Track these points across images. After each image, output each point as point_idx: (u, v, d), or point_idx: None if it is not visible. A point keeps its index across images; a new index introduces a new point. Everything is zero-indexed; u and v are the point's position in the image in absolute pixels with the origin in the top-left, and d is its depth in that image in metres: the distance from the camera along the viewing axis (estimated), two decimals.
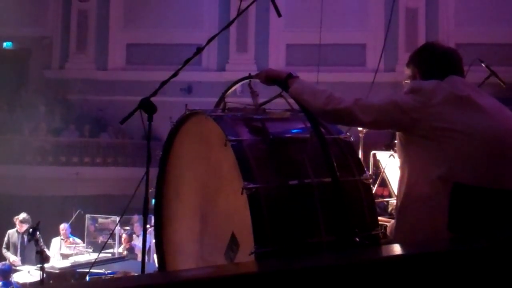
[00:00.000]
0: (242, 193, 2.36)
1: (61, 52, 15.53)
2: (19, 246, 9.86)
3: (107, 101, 14.36)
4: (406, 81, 2.71)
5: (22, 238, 9.87)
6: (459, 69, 2.63)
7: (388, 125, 2.56)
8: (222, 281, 1.62)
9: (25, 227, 9.83)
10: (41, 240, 8.96)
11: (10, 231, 10.01)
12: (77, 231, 11.47)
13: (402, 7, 13.98)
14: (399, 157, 2.64)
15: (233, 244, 2.51)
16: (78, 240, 11.01)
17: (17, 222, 9.87)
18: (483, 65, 4.14)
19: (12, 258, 9.74)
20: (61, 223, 10.81)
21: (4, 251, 9.94)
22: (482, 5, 13.91)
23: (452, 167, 2.37)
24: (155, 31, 14.78)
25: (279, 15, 3.14)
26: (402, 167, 2.59)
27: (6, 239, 9.99)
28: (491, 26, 13.69)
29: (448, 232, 2.32)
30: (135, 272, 8.02)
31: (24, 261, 9.70)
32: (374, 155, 3.92)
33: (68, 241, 10.69)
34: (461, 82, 2.56)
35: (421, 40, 13.66)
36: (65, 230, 10.69)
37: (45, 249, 9.12)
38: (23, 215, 9.86)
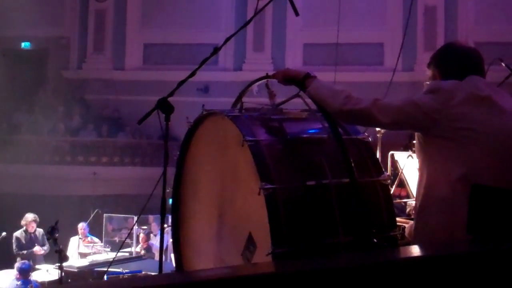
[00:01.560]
0: (259, 194, 2.36)
1: (79, 52, 15.63)
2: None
3: (125, 101, 14.43)
4: (426, 82, 2.68)
5: (31, 237, 10.04)
6: (479, 69, 2.60)
7: (407, 126, 2.54)
8: (239, 281, 1.62)
9: (35, 226, 10.01)
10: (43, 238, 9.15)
11: (18, 233, 10.13)
12: (95, 230, 11.56)
13: (421, 5, 13.85)
14: (418, 158, 2.62)
15: (250, 244, 2.51)
16: (96, 239, 11.09)
17: (26, 223, 10.01)
18: (503, 64, 4.09)
19: (36, 248, 9.88)
20: (79, 222, 10.90)
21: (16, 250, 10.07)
22: (501, 3, 13.74)
23: (472, 168, 2.35)
24: (172, 31, 14.82)
25: (297, 14, 3.13)
26: (421, 168, 2.57)
27: (15, 241, 10.10)
28: (510, 24, 13.53)
29: (467, 234, 2.30)
30: (152, 271, 8.06)
31: (35, 260, 9.82)
32: (392, 155, 3.89)
33: (86, 240, 10.78)
34: (481, 82, 2.54)
35: (440, 39, 13.56)
36: (83, 229, 10.78)
37: (63, 248, 9.22)
38: (31, 215, 10.03)
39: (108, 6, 15.48)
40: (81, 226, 10.79)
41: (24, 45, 15.71)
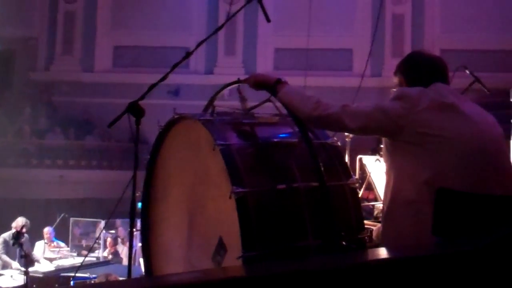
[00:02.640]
0: (230, 197, 2.37)
1: (47, 53, 15.40)
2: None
3: (93, 104, 14.26)
4: (393, 89, 2.74)
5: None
6: (444, 76, 2.67)
7: (375, 131, 2.59)
8: (209, 285, 1.62)
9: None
10: (28, 244, 8.92)
11: (6, 236, 9.92)
12: (62, 235, 11.38)
13: (389, 13, 14.08)
14: (385, 162, 2.67)
15: (221, 248, 2.52)
16: (62, 244, 10.92)
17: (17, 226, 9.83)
18: (467, 71, 4.19)
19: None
20: (45, 226, 10.72)
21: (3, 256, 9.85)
22: (467, 12, 14.04)
23: (437, 172, 2.41)
24: (143, 33, 14.73)
25: (268, 20, 3.16)
26: (388, 172, 2.62)
27: (2, 243, 9.88)
28: (476, 32, 13.83)
29: (432, 236, 2.35)
30: (121, 276, 7.97)
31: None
32: (361, 159, 3.95)
33: (52, 245, 10.61)
34: (445, 89, 2.61)
35: (407, 46, 13.78)
36: (49, 234, 10.60)
37: (29, 253, 9.07)
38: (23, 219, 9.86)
39: (77, 8, 15.30)
40: (47, 230, 10.61)
41: None
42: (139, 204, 3.11)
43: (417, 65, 2.72)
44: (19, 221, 9.72)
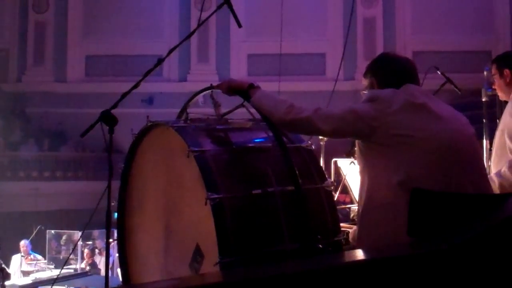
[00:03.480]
0: (206, 204, 2.36)
1: (18, 64, 15.20)
2: None
3: (67, 114, 14.10)
4: (363, 92, 2.76)
5: None
6: (414, 77, 2.70)
7: (348, 134, 2.61)
8: None
9: None
10: None
11: None
12: (38, 247, 11.24)
13: (360, 17, 14.20)
14: (359, 164, 2.69)
15: (198, 255, 2.51)
16: (39, 257, 10.80)
17: None
18: (438, 72, 4.24)
19: None
20: (21, 239, 10.59)
21: None
22: (437, 14, 14.23)
23: (411, 173, 2.43)
24: (114, 42, 14.64)
25: (240, 25, 3.16)
26: (362, 174, 2.64)
27: None
28: (447, 34, 14.02)
29: (408, 237, 2.37)
30: (98, 287, 7.90)
31: None
32: (335, 162, 3.97)
33: (29, 258, 10.49)
34: (417, 90, 2.64)
35: (379, 49, 13.90)
36: (26, 247, 10.48)
37: (5, 267, 8.94)
38: None
39: (48, 18, 15.13)
40: (23, 243, 10.50)
41: None
42: (115, 214, 3.09)
43: (387, 66, 2.75)
44: None
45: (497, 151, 3.41)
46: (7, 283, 8.24)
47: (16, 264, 10.27)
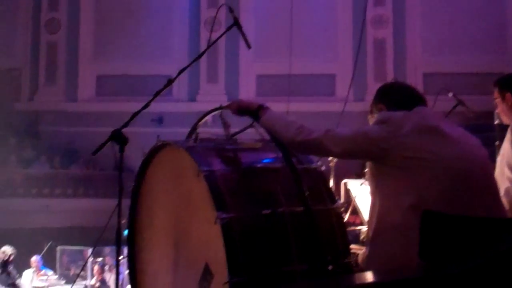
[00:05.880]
0: (215, 223, 2.36)
1: (31, 84, 15.37)
2: None
3: (78, 133, 14.20)
4: (370, 117, 2.75)
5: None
6: (423, 100, 2.70)
7: (358, 156, 2.60)
8: None
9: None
10: (15, 272, 8.85)
11: None
12: (49, 263, 11.28)
13: (370, 38, 14.22)
14: (370, 185, 2.68)
15: (207, 274, 2.50)
16: (50, 272, 10.84)
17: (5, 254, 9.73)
18: (450, 94, 4.22)
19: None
20: (32, 255, 10.64)
21: None
22: (448, 35, 14.21)
23: (422, 195, 2.41)
24: (125, 62, 14.75)
25: (249, 47, 3.18)
26: (373, 196, 2.62)
27: None
28: (458, 55, 13.99)
29: (419, 260, 2.35)
30: None
31: None
32: (345, 183, 3.95)
33: (40, 273, 10.54)
34: (429, 112, 2.63)
35: (390, 70, 13.92)
36: (37, 263, 10.54)
37: (17, 282, 8.98)
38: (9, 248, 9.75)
39: (60, 38, 15.32)
40: (35, 259, 10.55)
41: None
42: (126, 232, 3.10)
43: (395, 91, 2.75)
44: (7, 250, 9.64)
45: (497, 176, 3.35)
46: None
47: (28, 280, 10.32)
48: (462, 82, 12.68)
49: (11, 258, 9.36)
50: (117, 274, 2.90)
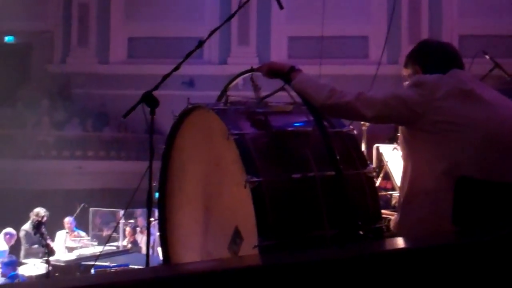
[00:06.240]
0: (245, 187, 2.36)
1: (63, 46, 15.50)
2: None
3: (110, 95, 14.33)
4: (406, 82, 2.68)
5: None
6: (459, 62, 2.62)
7: (391, 120, 2.55)
8: (226, 274, 1.62)
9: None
10: (46, 233, 9.06)
11: (26, 227, 10.06)
12: (82, 224, 11.52)
13: None
14: (402, 150, 2.64)
15: (237, 237, 2.52)
16: (82, 234, 11.06)
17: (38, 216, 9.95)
18: (487, 57, 4.12)
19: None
20: (65, 216, 10.85)
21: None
22: None
23: (456, 161, 2.37)
24: (156, 24, 14.74)
25: (281, 7, 3.12)
26: (405, 161, 2.59)
27: (25, 234, 10.03)
28: (495, 17, 13.61)
29: (452, 226, 2.32)
30: (139, 265, 8.05)
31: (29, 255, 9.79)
32: (378, 148, 3.91)
33: (73, 234, 10.76)
34: (464, 75, 2.56)
35: (424, 32, 13.62)
36: (70, 224, 10.75)
37: (50, 242, 9.19)
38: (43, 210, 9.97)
39: (91, 0, 15.36)
40: (68, 220, 10.76)
41: (8, 39, 15.55)
42: (157, 194, 3.12)
43: (431, 52, 2.67)
44: (40, 212, 9.86)
45: None
46: (51, 258, 8.47)
47: (61, 240, 10.55)
48: (499, 44, 12.35)
49: (44, 219, 9.57)
50: (148, 235, 2.94)
